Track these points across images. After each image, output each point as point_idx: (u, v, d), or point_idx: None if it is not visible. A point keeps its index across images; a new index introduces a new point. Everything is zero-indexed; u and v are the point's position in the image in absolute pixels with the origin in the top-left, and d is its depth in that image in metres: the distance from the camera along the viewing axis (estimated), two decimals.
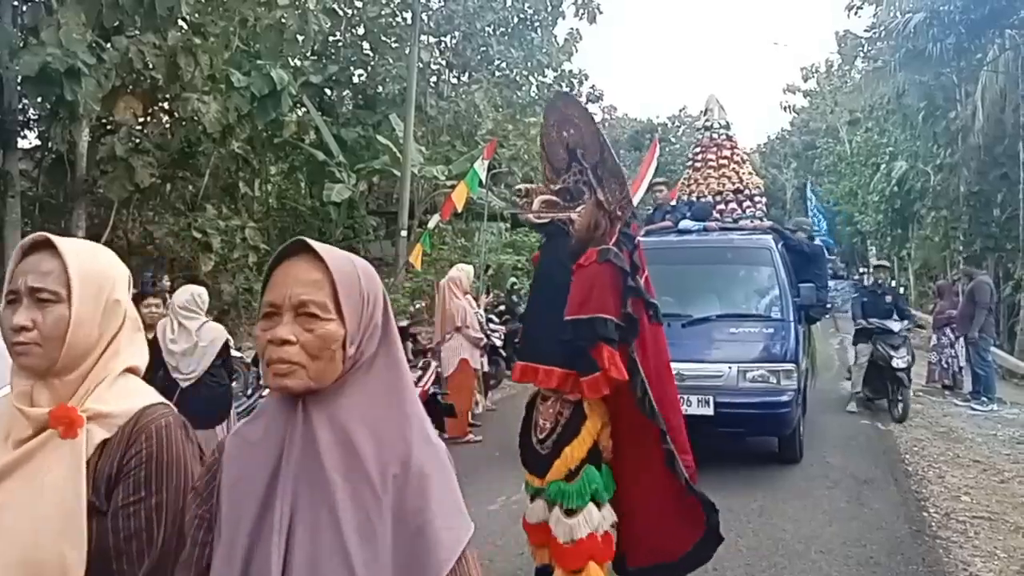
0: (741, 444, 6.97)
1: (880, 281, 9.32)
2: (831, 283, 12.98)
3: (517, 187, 3.72)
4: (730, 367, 6.10)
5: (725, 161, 8.44)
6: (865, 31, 21.16)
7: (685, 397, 5.63)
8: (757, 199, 8.27)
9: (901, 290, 11.48)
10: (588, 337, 3.21)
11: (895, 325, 8.74)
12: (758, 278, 6.99)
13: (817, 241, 10.77)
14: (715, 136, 8.69)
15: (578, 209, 3.40)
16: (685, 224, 7.76)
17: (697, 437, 6.10)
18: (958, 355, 10.68)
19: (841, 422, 8.65)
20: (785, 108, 43.72)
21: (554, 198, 3.44)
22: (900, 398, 8.47)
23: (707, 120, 8.93)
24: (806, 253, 7.86)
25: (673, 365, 5.60)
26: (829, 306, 9.00)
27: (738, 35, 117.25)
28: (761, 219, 8.16)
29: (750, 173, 8.53)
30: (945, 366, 10.91)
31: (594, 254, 3.26)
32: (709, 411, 5.93)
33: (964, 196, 18.98)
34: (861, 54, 26.02)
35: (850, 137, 32.24)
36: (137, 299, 5.01)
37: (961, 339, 10.38)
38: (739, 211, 8.13)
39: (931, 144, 20.98)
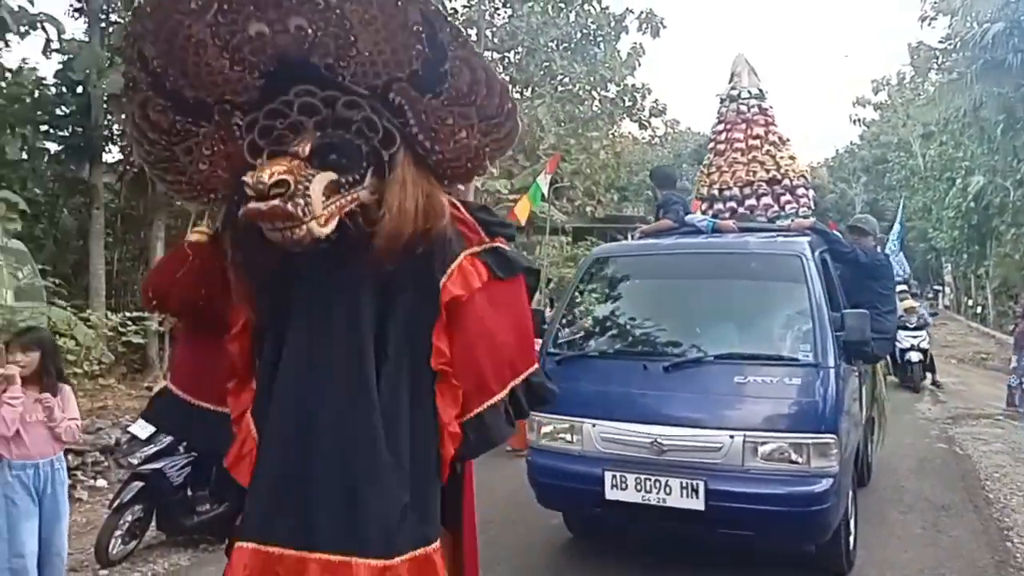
0: (749, 547, 4.57)
1: None
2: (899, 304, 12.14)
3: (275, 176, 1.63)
4: (732, 436, 4.02)
5: (757, 142, 6.33)
6: (940, 42, 20.57)
7: (663, 480, 4.06)
8: (800, 192, 6.20)
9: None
10: (525, 411, 2.07)
11: None
12: (782, 301, 4.72)
13: (892, 251, 9.63)
14: (743, 110, 6.49)
15: (368, 186, 1.79)
16: (692, 219, 5.83)
17: (678, 540, 4.64)
18: None
19: (915, 443, 8.34)
20: (854, 121, 42.72)
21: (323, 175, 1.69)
22: None
23: (733, 88, 6.63)
24: (863, 264, 5.66)
25: (645, 429, 4.17)
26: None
27: (805, 47, 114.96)
28: (805, 218, 5.99)
29: (791, 158, 6.39)
30: None
31: (482, 269, 1.90)
32: (698, 504, 3.97)
33: None
34: (935, 66, 25.30)
35: (923, 151, 31.31)
36: None
37: None
38: (776, 207, 6.14)
39: (1010, 158, 20.22)
